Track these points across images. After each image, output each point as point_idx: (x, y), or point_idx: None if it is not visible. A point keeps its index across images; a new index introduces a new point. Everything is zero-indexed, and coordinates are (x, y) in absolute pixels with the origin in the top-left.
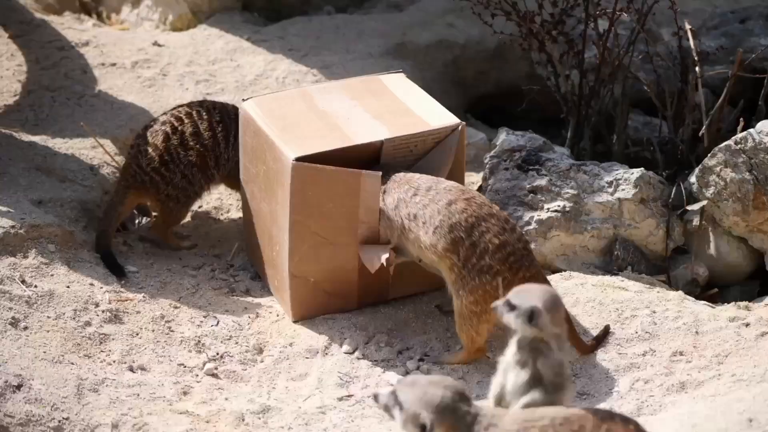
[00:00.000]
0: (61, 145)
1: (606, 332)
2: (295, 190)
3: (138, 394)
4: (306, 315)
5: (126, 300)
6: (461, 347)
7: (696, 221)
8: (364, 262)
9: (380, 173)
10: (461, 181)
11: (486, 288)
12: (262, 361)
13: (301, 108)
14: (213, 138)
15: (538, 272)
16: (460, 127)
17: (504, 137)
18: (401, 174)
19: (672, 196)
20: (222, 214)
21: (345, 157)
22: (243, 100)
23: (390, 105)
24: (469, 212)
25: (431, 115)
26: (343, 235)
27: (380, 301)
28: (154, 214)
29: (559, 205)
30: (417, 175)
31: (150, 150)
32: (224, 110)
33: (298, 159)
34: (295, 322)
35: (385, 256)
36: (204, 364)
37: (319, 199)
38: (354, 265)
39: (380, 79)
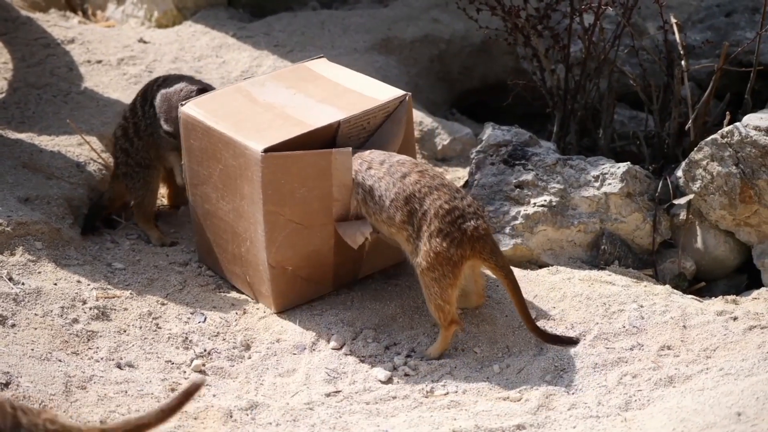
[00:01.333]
0: (47, 142)
1: (570, 341)
2: (267, 181)
3: (126, 391)
4: (288, 305)
5: (113, 297)
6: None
7: (683, 215)
8: (346, 239)
9: (350, 149)
10: (413, 150)
11: (438, 250)
12: (249, 358)
13: (244, 103)
14: (132, 107)
15: (487, 234)
16: (407, 98)
17: (490, 132)
18: (359, 151)
19: (658, 190)
20: None
21: (306, 143)
22: (181, 104)
23: (329, 88)
24: (423, 183)
25: (375, 90)
26: (317, 218)
27: (352, 281)
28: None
29: (545, 200)
30: (369, 151)
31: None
32: (152, 82)
33: (266, 150)
34: (277, 313)
35: (368, 230)
36: (191, 360)
37: (291, 186)
38: (330, 245)
39: (307, 66)
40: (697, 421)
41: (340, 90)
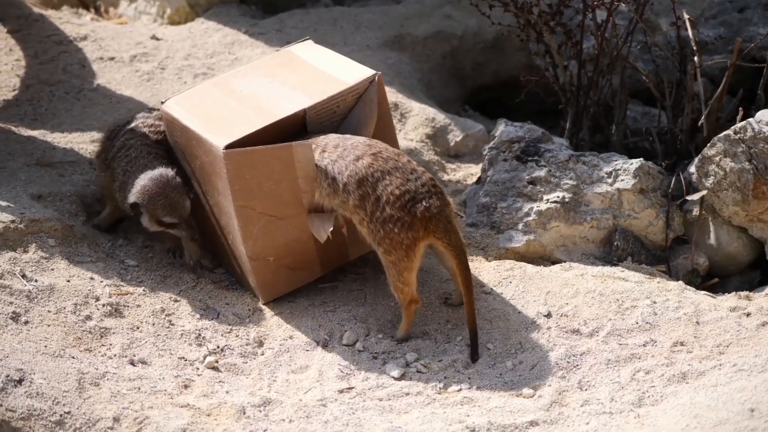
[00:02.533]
0: (60, 139)
1: (475, 354)
2: (233, 177)
3: (139, 388)
4: (275, 294)
5: (126, 293)
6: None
7: (696, 211)
8: (314, 233)
9: (310, 142)
10: (391, 130)
11: (391, 236)
12: (262, 354)
13: (221, 97)
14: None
15: (440, 213)
16: (376, 78)
17: (503, 128)
18: (314, 137)
19: (671, 186)
20: None
21: (274, 134)
22: (162, 102)
23: (306, 73)
24: (375, 167)
25: (346, 73)
26: (290, 209)
27: (342, 263)
28: None
29: (558, 196)
30: (324, 135)
31: None
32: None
33: (227, 147)
34: (265, 303)
35: (330, 226)
36: (205, 357)
37: (257, 180)
38: (308, 233)
39: (291, 50)
40: (710, 417)
41: (315, 75)
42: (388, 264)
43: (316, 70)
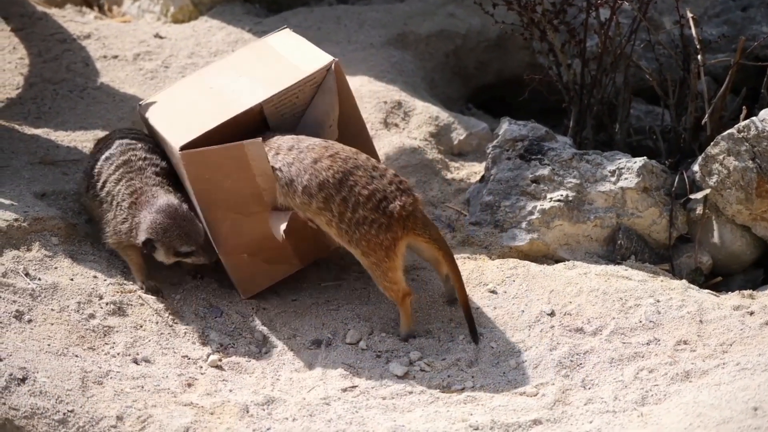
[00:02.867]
0: (63, 137)
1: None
2: (193, 178)
3: (142, 386)
4: (255, 289)
5: (129, 292)
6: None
7: (699, 210)
8: (273, 231)
9: (260, 139)
10: (357, 117)
11: (368, 238)
12: (266, 353)
13: (192, 94)
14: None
15: (415, 209)
16: (333, 65)
17: (506, 127)
18: (269, 138)
19: (675, 184)
20: None
21: (236, 130)
22: (139, 105)
23: (272, 65)
24: (336, 168)
25: (305, 62)
26: (252, 206)
27: (322, 255)
28: None
29: (561, 195)
30: (276, 136)
31: None
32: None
33: (183, 147)
34: (248, 299)
35: (283, 226)
36: (208, 355)
37: (217, 179)
38: None
39: (267, 41)
40: (714, 416)
41: (280, 66)
42: (369, 266)
43: (282, 61)
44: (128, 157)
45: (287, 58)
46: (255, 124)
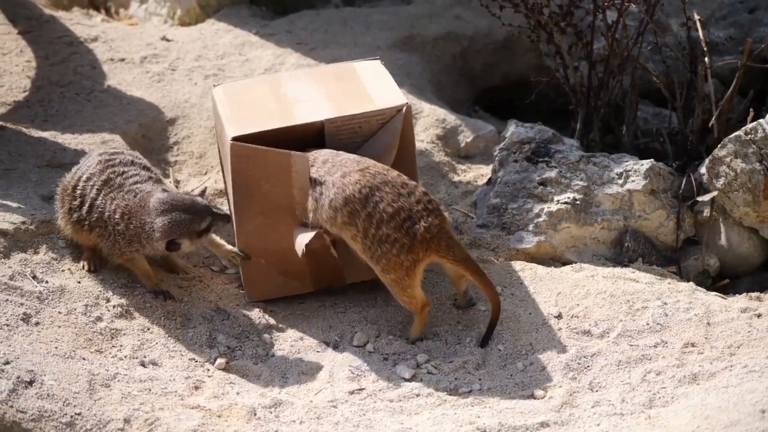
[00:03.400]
0: (70, 140)
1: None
2: (235, 170)
3: (150, 389)
4: (261, 296)
5: (137, 295)
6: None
7: (706, 212)
8: (295, 246)
9: (307, 154)
10: (412, 165)
11: (389, 257)
12: (273, 355)
13: (264, 92)
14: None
15: (440, 231)
16: (404, 109)
17: (513, 129)
18: (311, 150)
19: (682, 187)
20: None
21: (288, 138)
22: (214, 86)
23: (349, 88)
24: (363, 183)
25: (381, 96)
26: (283, 216)
27: (336, 284)
28: None
29: (569, 197)
30: (318, 150)
31: None
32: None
33: (235, 138)
34: (253, 302)
35: (304, 243)
36: (215, 358)
37: (257, 179)
38: None
39: (353, 65)
40: (721, 419)
41: (357, 91)
42: (389, 282)
43: (360, 87)
44: (107, 176)
45: (365, 86)
46: (313, 138)
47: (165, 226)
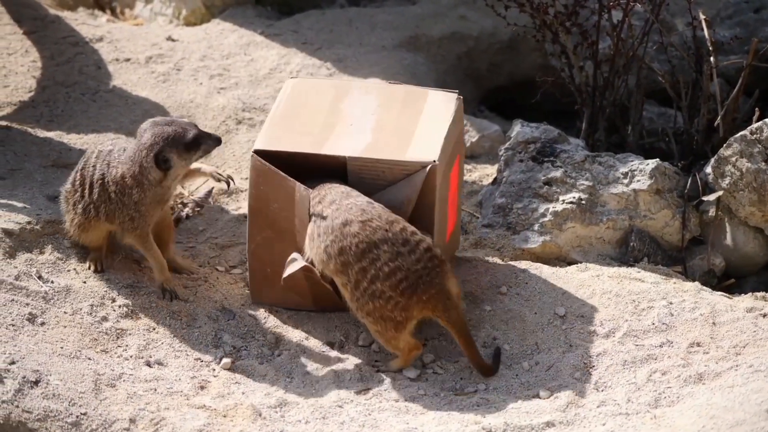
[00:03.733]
0: (76, 140)
1: (498, 354)
2: (253, 181)
3: (155, 389)
4: (263, 300)
5: (142, 294)
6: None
7: (712, 212)
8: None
9: (310, 190)
10: (430, 223)
11: (382, 312)
12: (279, 355)
13: (323, 102)
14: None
15: (438, 292)
16: (428, 168)
17: (519, 129)
18: (327, 183)
19: (688, 186)
20: (238, 208)
21: (311, 163)
22: (291, 77)
23: (402, 122)
24: (361, 237)
25: (417, 145)
26: (287, 237)
27: (337, 308)
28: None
29: (574, 197)
30: (331, 185)
31: None
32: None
33: (257, 151)
34: (254, 303)
35: (288, 273)
36: (221, 358)
37: (267, 196)
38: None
39: (428, 93)
40: (727, 419)
41: (404, 129)
42: (373, 332)
43: (412, 125)
44: (103, 158)
45: (419, 125)
46: (334, 169)
47: (149, 139)
